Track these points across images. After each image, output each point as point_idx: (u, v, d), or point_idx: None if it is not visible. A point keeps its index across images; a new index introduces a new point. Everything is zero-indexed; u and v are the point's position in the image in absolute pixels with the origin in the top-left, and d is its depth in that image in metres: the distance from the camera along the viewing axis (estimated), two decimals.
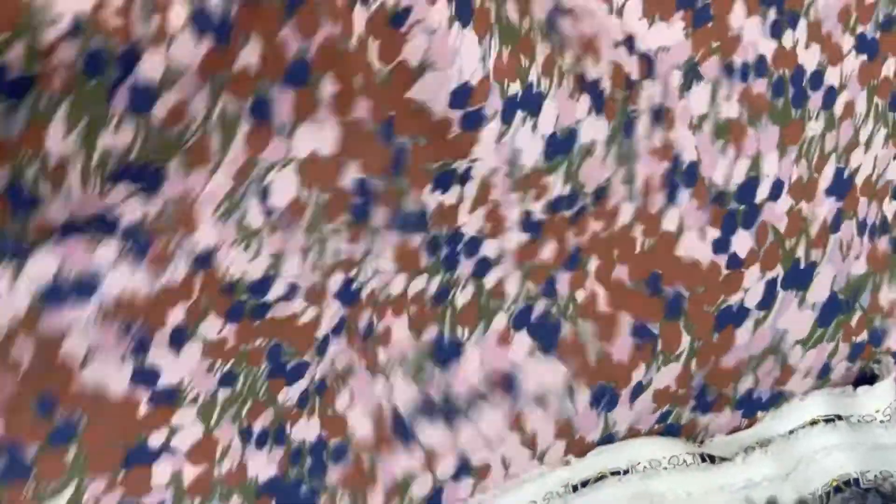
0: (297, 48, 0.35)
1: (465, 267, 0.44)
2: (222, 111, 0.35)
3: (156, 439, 0.39)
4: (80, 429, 0.37)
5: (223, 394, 0.40)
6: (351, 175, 0.39)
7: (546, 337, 0.46)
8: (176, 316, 0.37)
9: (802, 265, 0.50)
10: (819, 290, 0.51)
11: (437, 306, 0.44)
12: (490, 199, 0.43)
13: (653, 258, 0.46)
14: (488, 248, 0.44)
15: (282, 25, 0.35)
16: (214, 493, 0.41)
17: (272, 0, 0.34)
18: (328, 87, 0.37)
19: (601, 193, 0.45)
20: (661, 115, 0.47)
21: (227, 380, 0.40)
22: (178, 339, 0.37)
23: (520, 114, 0.41)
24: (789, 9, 0.49)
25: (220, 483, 0.41)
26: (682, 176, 0.47)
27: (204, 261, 0.37)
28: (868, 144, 0.51)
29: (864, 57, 0.51)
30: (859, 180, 0.51)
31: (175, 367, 0.38)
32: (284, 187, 0.38)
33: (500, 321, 0.45)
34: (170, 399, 0.38)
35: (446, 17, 0.38)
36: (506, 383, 0.45)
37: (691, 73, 0.47)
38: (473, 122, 0.40)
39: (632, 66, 0.46)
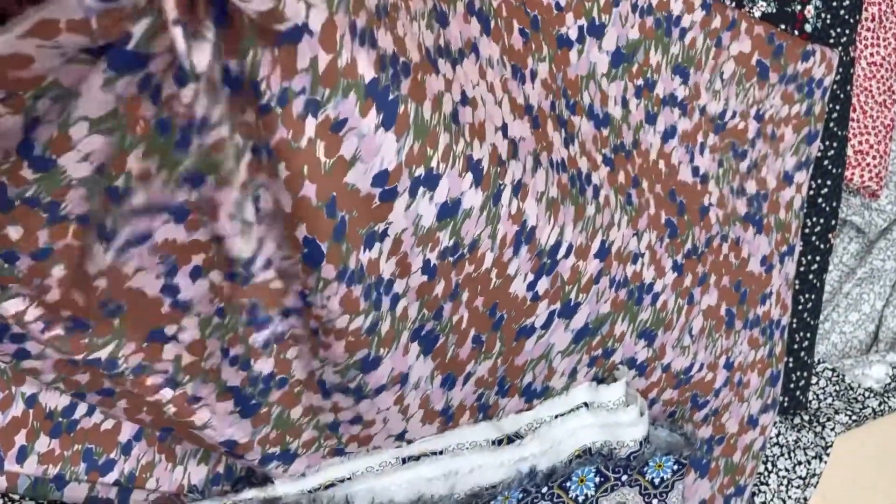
0: (262, 136, 0.43)
1: (385, 304, 0.53)
2: (237, 146, 0.43)
3: (169, 329, 0.51)
4: (123, 311, 0.49)
5: (216, 320, 0.51)
6: (302, 233, 0.47)
7: (428, 345, 0.58)
8: (197, 259, 0.48)
9: (572, 304, 0.64)
10: (577, 320, 0.66)
11: (369, 335, 0.54)
12: (401, 251, 0.52)
13: (496, 293, 0.58)
14: (398, 287, 0.53)
15: (257, 122, 0.43)
16: (199, 376, 0.54)
17: (252, 105, 0.42)
18: (283, 172, 0.45)
19: (473, 246, 0.56)
20: (518, 189, 0.57)
21: (220, 312, 0.51)
22: (196, 273, 0.49)
23: (421, 190, 0.50)
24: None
25: (205, 371, 0.54)
26: (525, 236, 0.59)
27: (219, 239, 0.46)
28: (619, 225, 0.67)
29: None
30: (613, 249, 0.67)
31: (190, 290, 0.49)
32: (266, 199, 0.46)
33: (404, 337, 0.56)
34: (183, 307, 0.50)
35: (374, 123, 0.46)
36: (401, 378, 0.58)
37: (535, 161, 0.59)
38: (389, 195, 0.49)
39: (503, 149, 0.56)
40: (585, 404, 0.70)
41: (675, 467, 0.71)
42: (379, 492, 0.66)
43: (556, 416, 0.69)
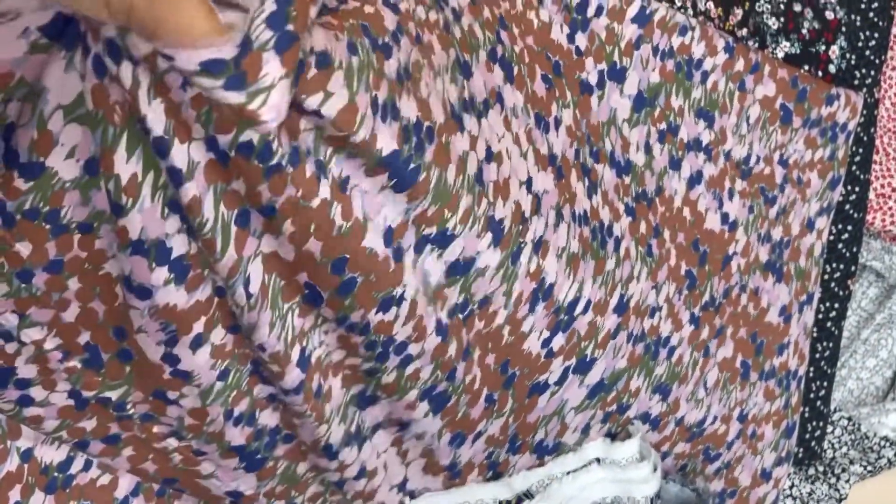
0: (269, 198, 0.43)
1: (393, 361, 0.52)
2: (222, 216, 0.43)
3: (171, 394, 0.50)
4: (133, 359, 0.49)
5: (218, 385, 0.50)
6: (304, 279, 0.47)
7: (439, 405, 0.57)
8: (198, 327, 0.47)
9: (588, 359, 0.63)
10: (593, 376, 0.65)
11: (369, 377, 0.54)
12: (417, 315, 0.51)
13: (508, 350, 0.58)
14: (412, 349, 0.53)
15: (260, 182, 0.42)
16: (202, 437, 0.53)
17: (256, 164, 0.41)
18: (289, 226, 0.44)
19: (484, 302, 0.55)
20: (539, 247, 0.56)
21: (223, 375, 0.50)
22: (196, 343, 0.47)
23: (429, 247, 0.50)
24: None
25: (207, 434, 0.53)
26: (543, 293, 0.58)
27: (221, 290, 0.46)
28: (638, 278, 0.66)
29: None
30: (632, 303, 0.65)
31: (190, 361, 0.48)
32: (256, 273, 0.46)
33: (412, 394, 0.55)
34: (184, 377, 0.49)
35: (381, 184, 0.46)
36: (400, 422, 0.58)
37: (557, 216, 0.58)
38: (398, 254, 0.49)
39: (526, 205, 0.55)
40: (597, 460, 0.68)
41: None
42: None
43: (568, 473, 0.68)
